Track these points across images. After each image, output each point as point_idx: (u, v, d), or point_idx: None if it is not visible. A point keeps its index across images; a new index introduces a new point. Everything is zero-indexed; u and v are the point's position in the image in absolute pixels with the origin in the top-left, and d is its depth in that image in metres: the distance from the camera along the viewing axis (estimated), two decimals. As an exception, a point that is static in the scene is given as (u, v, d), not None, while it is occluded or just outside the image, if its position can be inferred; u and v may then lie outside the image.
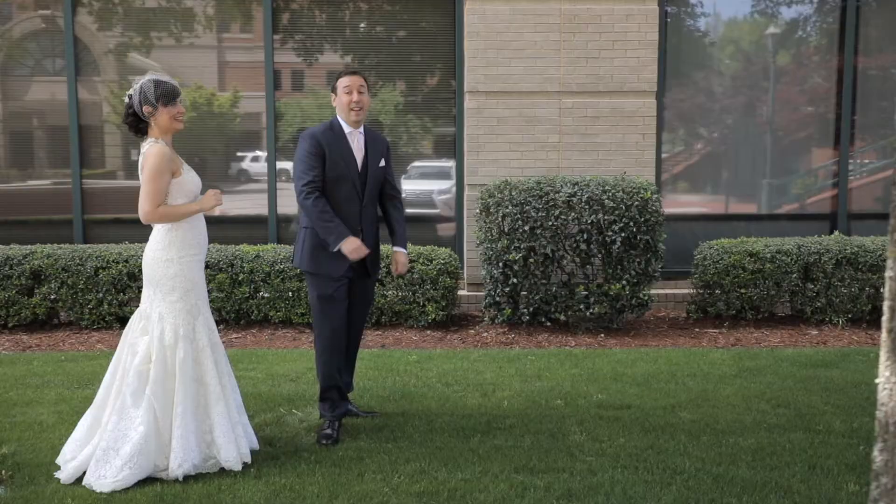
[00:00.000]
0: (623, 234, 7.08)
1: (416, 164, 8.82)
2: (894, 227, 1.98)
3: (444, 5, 8.52)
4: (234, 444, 4.27)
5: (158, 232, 4.33)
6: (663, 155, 8.81)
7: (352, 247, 4.56)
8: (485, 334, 7.36)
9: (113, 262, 7.26)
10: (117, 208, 8.57)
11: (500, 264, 7.18)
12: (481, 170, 8.22)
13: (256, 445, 4.55)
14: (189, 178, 4.38)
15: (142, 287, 4.45)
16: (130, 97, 4.34)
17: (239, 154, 8.70)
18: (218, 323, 7.50)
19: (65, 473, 4.14)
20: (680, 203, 9.02)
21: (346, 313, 4.82)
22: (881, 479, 1.97)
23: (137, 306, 7.10)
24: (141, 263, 7.20)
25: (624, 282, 7.21)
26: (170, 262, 4.29)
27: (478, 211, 7.50)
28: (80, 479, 4.12)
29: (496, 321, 7.49)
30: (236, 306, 7.33)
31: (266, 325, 7.54)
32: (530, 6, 8.14)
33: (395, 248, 4.75)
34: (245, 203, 8.72)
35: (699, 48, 8.92)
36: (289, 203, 8.40)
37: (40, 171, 8.62)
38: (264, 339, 7.15)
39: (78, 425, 4.34)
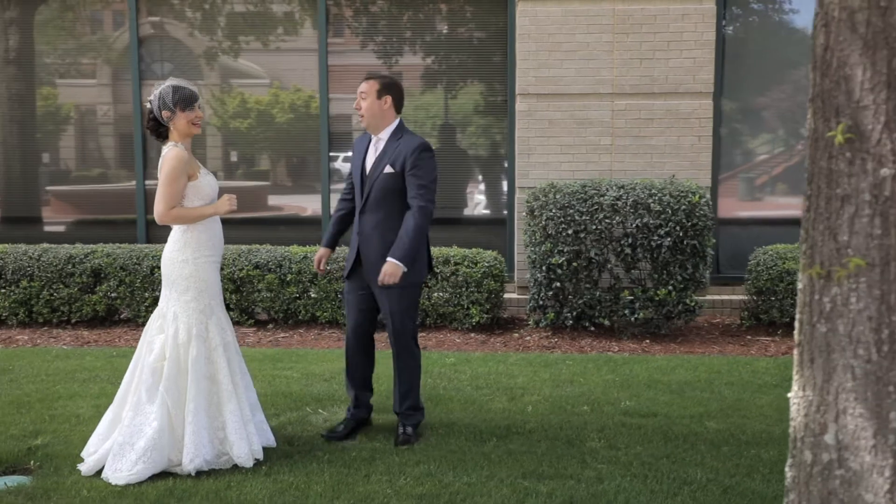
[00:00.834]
0: (669, 239, 6.96)
1: (468, 166, 8.84)
2: (804, 240, 1.92)
3: (497, 7, 8.52)
4: (245, 441, 4.38)
5: (175, 233, 4.48)
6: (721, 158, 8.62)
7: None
8: (528, 338, 7.34)
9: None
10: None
11: (544, 268, 7.14)
12: (532, 172, 8.19)
13: (273, 443, 4.66)
14: (206, 182, 4.51)
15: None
16: (150, 102, 4.49)
17: (331, 154, 8.83)
18: (266, 322, 7.69)
19: (86, 466, 4.33)
20: (741, 207, 8.81)
21: (358, 318, 4.88)
22: (790, 495, 1.92)
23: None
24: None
25: (670, 287, 7.09)
26: (185, 262, 4.43)
27: (524, 214, 7.48)
28: (100, 472, 4.30)
29: (540, 325, 7.46)
30: (284, 306, 7.49)
31: (313, 324, 7.68)
32: (582, 7, 8.07)
33: (388, 257, 4.69)
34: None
35: (759, 48, 8.68)
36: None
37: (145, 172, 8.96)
38: (310, 339, 7.29)
39: (101, 420, 4.52)
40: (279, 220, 8.92)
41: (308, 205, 8.95)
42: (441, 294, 7.41)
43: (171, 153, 4.41)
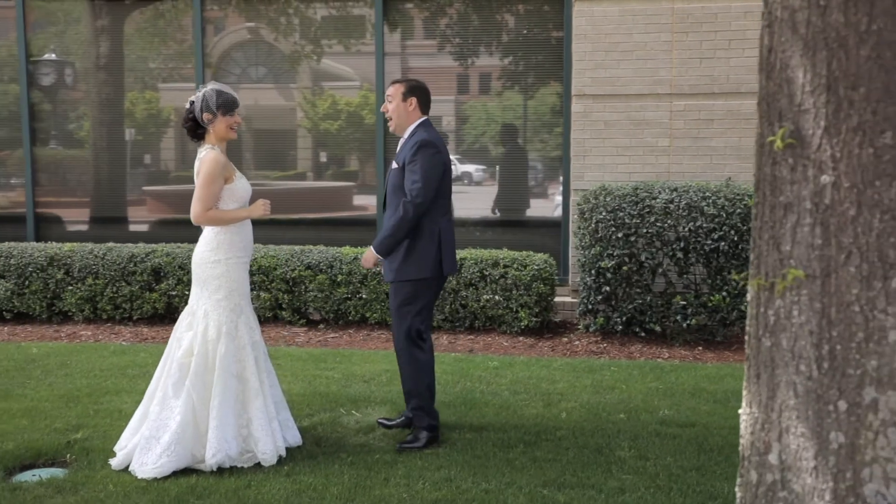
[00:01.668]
0: (724, 243, 6.78)
1: (524, 168, 8.77)
2: (752, 249, 1.83)
3: (553, 8, 8.43)
4: (270, 438, 4.45)
5: (208, 234, 4.57)
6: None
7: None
8: (576, 343, 7.24)
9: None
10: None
11: (593, 271, 7.04)
12: (587, 174, 8.08)
13: (299, 441, 4.71)
14: (240, 185, 4.60)
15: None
16: (192, 103, 4.59)
17: None
18: (317, 322, 7.77)
19: (116, 460, 4.44)
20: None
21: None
22: (736, 519, 1.83)
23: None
24: (251, 264, 7.58)
25: (724, 293, 6.89)
26: (217, 262, 4.52)
27: (576, 216, 7.39)
28: (128, 467, 4.41)
29: (590, 330, 7.35)
30: (335, 307, 7.56)
31: (363, 325, 7.73)
32: (640, 6, 7.92)
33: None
34: (466, 203, 8.92)
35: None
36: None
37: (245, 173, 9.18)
38: (359, 340, 7.33)
39: (133, 416, 4.64)
40: (361, 221, 8.97)
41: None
42: (490, 297, 7.37)
43: (209, 156, 4.51)
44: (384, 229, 4.69)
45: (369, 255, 4.78)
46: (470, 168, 9.04)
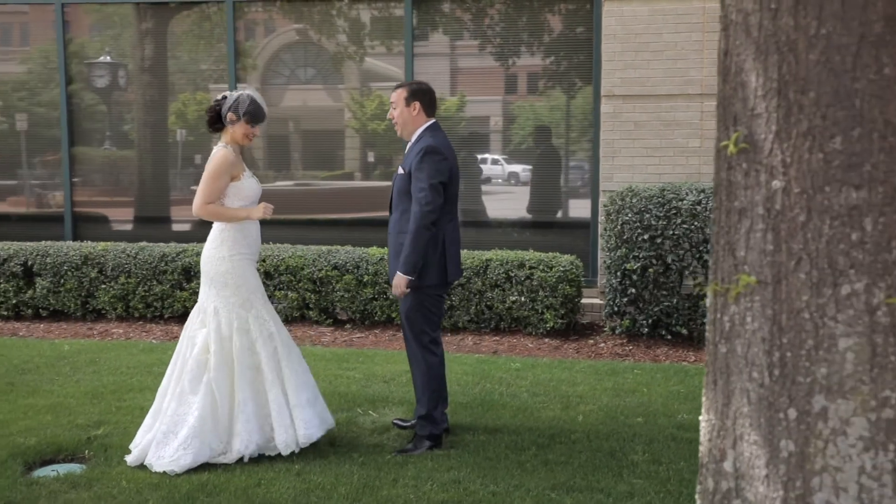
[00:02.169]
0: (752, 245, 6.67)
1: (554, 168, 8.74)
2: (711, 254, 1.80)
3: (583, 8, 8.39)
4: (284, 429, 4.54)
5: (214, 231, 4.69)
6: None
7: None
8: (601, 345, 7.19)
9: (251, 261, 7.75)
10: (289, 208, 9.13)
11: (619, 273, 6.99)
12: (616, 175, 8.02)
13: (332, 423, 4.78)
14: (248, 185, 4.68)
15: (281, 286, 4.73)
16: (224, 98, 4.68)
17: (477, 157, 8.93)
18: (344, 322, 7.82)
19: (131, 457, 4.53)
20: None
21: None
22: (693, 528, 1.81)
23: (277, 302, 7.60)
24: (279, 263, 7.65)
25: (752, 296, 6.79)
26: (222, 259, 4.61)
27: (602, 218, 7.34)
28: (143, 465, 4.49)
29: (616, 332, 7.30)
30: (361, 307, 7.60)
31: (389, 325, 7.76)
32: (670, 6, 7.85)
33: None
34: (495, 204, 8.95)
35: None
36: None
37: (293, 173, 9.30)
38: (384, 340, 7.37)
39: (148, 413, 4.73)
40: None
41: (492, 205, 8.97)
42: (516, 298, 7.35)
43: (219, 153, 4.61)
44: (405, 249, 4.56)
45: (398, 280, 4.61)
46: (517, 168, 9.03)
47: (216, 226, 4.71)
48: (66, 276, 8.05)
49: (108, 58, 9.33)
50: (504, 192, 9.02)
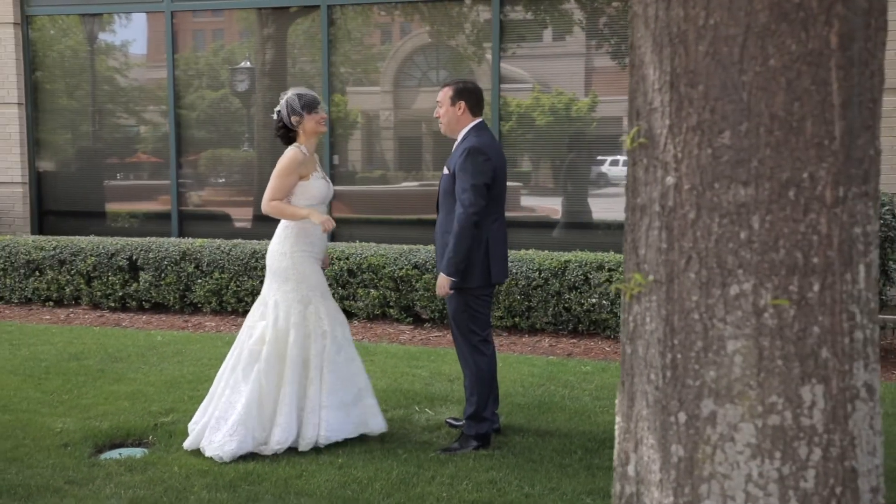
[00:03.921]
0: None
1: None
2: (623, 251, 1.75)
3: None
4: (311, 426, 4.67)
5: (278, 228, 4.88)
6: None
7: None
8: (680, 351, 7.01)
9: (336, 258, 7.93)
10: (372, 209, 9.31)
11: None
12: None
13: (384, 427, 4.88)
14: (316, 185, 4.82)
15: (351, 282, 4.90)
16: (279, 112, 4.86)
17: (599, 158, 8.94)
18: (425, 321, 7.90)
19: (187, 441, 4.76)
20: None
21: None
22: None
23: (355, 300, 7.75)
24: (361, 262, 7.78)
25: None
26: (283, 255, 4.78)
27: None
28: (198, 448, 4.70)
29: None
30: (440, 306, 7.66)
31: (468, 326, 7.78)
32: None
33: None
34: (609, 205, 8.96)
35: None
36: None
37: (419, 174, 9.54)
38: (461, 340, 7.40)
39: (205, 397, 4.95)
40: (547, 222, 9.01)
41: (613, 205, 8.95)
42: (596, 300, 7.26)
43: (290, 153, 4.81)
44: (448, 251, 4.56)
45: (441, 281, 4.62)
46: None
47: (281, 222, 4.88)
48: (166, 270, 8.44)
49: (249, 63, 9.72)
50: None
